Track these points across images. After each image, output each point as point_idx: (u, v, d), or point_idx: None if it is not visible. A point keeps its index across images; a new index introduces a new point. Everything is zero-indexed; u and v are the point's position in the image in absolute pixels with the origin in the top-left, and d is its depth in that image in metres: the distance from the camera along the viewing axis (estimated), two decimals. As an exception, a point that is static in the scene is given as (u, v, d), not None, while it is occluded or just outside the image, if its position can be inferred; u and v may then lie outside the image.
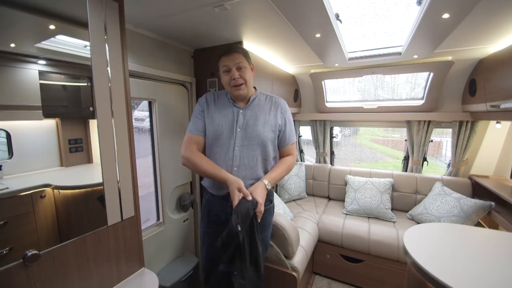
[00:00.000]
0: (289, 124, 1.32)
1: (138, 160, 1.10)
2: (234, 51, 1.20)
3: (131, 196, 1.03)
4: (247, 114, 1.25)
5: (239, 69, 1.19)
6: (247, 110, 1.26)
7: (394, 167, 4.94)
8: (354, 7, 1.42)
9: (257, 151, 1.23)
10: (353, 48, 2.00)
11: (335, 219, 2.32)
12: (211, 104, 1.29)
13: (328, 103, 2.89)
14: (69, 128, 1.01)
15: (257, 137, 1.22)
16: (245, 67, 1.20)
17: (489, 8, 1.18)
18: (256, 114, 1.25)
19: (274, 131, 1.26)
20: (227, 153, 1.22)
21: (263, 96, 1.33)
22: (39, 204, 0.87)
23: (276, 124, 1.27)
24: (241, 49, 1.24)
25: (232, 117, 1.24)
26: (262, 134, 1.22)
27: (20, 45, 0.83)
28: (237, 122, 1.23)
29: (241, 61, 1.19)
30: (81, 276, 0.87)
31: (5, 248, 0.74)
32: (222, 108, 1.27)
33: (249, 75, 1.23)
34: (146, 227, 1.68)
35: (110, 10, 0.91)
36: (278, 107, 1.30)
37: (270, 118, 1.26)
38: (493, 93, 1.77)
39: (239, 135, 1.22)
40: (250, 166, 1.22)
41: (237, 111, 1.25)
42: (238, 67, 1.19)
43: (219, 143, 1.23)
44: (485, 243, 1.22)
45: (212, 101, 1.30)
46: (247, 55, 1.24)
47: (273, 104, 1.30)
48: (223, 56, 1.21)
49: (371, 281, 2.07)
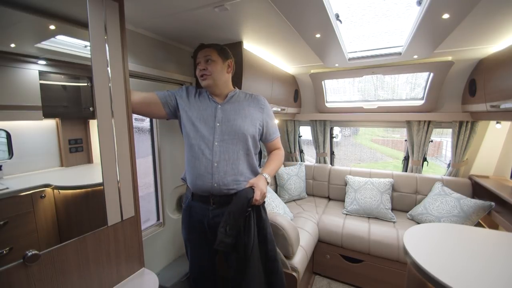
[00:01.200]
0: (270, 119, 1.36)
1: (138, 160, 1.10)
2: (206, 46, 1.26)
3: (131, 196, 1.03)
4: (227, 109, 1.26)
5: (206, 61, 1.24)
6: (226, 105, 1.27)
7: (394, 167, 4.94)
8: (354, 7, 1.42)
9: (238, 146, 1.23)
10: (353, 48, 1.99)
11: (335, 219, 2.32)
12: (191, 97, 1.31)
13: (328, 103, 2.89)
14: (69, 128, 1.01)
15: (237, 132, 1.22)
16: (214, 60, 1.24)
17: (489, 8, 1.18)
18: (236, 109, 1.27)
19: (254, 125, 1.27)
20: (206, 148, 1.21)
21: (242, 94, 1.36)
22: (39, 204, 0.87)
23: (256, 118, 1.29)
24: (216, 45, 1.28)
25: (211, 111, 1.26)
26: (242, 128, 1.23)
27: (20, 45, 0.83)
28: (216, 117, 1.24)
29: (209, 55, 1.24)
30: (81, 276, 0.87)
31: (5, 248, 0.74)
32: (202, 102, 1.29)
33: (217, 68, 1.25)
34: (146, 227, 1.68)
35: (110, 10, 0.91)
36: (257, 103, 1.33)
37: (249, 113, 1.28)
38: (493, 93, 1.77)
39: (218, 130, 1.22)
40: (231, 161, 1.22)
41: (215, 106, 1.26)
42: (206, 60, 1.24)
43: (198, 138, 1.23)
44: (485, 243, 1.22)
45: (193, 94, 1.32)
46: (222, 51, 1.27)
47: (252, 100, 1.33)
48: (197, 51, 1.28)
49: (371, 281, 2.07)
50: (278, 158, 1.39)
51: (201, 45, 1.28)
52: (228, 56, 1.31)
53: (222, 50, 1.28)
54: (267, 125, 1.34)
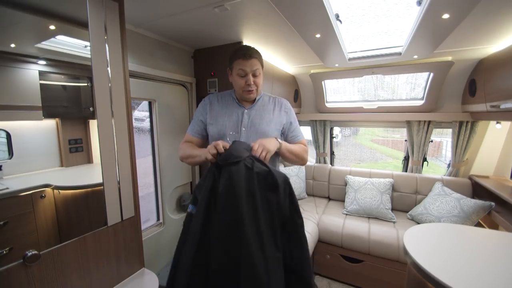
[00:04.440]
0: (294, 121, 1.33)
1: (138, 160, 1.10)
2: (253, 57, 1.16)
3: (131, 196, 1.03)
4: (252, 114, 1.26)
5: (254, 75, 1.19)
6: (252, 110, 1.27)
7: (394, 167, 4.93)
8: (354, 7, 1.42)
9: None
10: (353, 48, 2.00)
11: (335, 219, 2.32)
12: (214, 105, 1.30)
13: (328, 103, 2.89)
14: (69, 128, 1.01)
15: (263, 135, 1.22)
16: (260, 73, 1.21)
17: (489, 8, 1.18)
18: (261, 113, 1.26)
19: (278, 129, 1.27)
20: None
21: (266, 96, 1.34)
22: (39, 204, 0.87)
23: (280, 122, 1.28)
24: (258, 54, 1.21)
25: (237, 117, 1.25)
26: (267, 132, 1.22)
27: (20, 45, 0.83)
28: (242, 122, 1.24)
29: (258, 68, 1.18)
30: (81, 276, 0.87)
31: (5, 248, 0.75)
32: (227, 108, 1.27)
33: (262, 81, 1.24)
34: (146, 227, 1.68)
35: (110, 10, 0.91)
36: (281, 106, 1.32)
37: (274, 117, 1.27)
38: (493, 93, 1.77)
39: (244, 134, 1.22)
40: None
41: (242, 111, 1.26)
42: (254, 74, 1.18)
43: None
44: (485, 243, 1.22)
45: (216, 102, 1.31)
46: (261, 60, 1.22)
47: (276, 104, 1.32)
48: (241, 59, 1.17)
49: (371, 281, 2.07)
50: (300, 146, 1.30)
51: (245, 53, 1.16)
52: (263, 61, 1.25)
53: (261, 58, 1.22)
54: (290, 127, 1.32)
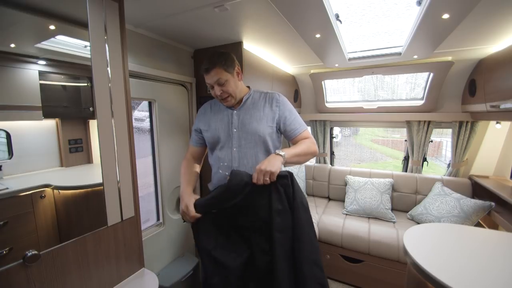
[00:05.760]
0: (290, 114, 1.27)
1: (138, 160, 1.10)
2: (211, 68, 1.15)
3: (131, 196, 1.03)
4: (241, 114, 1.25)
5: (220, 84, 1.17)
6: (241, 110, 1.26)
7: (394, 167, 4.94)
8: (354, 7, 1.42)
9: (256, 149, 1.22)
10: (353, 48, 2.00)
11: (335, 219, 2.32)
12: (207, 112, 1.33)
13: (328, 103, 2.89)
14: (69, 128, 1.01)
15: (254, 134, 1.21)
16: (226, 80, 1.16)
17: (489, 8, 1.18)
18: (251, 112, 1.25)
19: (271, 126, 1.24)
20: (226, 156, 1.23)
21: (257, 94, 1.31)
22: (39, 205, 0.87)
23: (272, 118, 1.24)
24: (219, 60, 1.15)
25: (227, 119, 1.25)
26: (258, 130, 1.21)
27: (20, 45, 0.83)
28: (232, 123, 1.24)
29: (220, 77, 1.15)
30: (81, 276, 0.87)
31: (5, 248, 0.74)
32: (218, 113, 1.29)
33: (233, 85, 1.20)
34: (146, 227, 1.68)
35: (110, 10, 0.91)
36: (272, 101, 1.27)
37: (265, 114, 1.25)
38: (493, 93, 1.77)
39: (236, 136, 1.22)
40: (249, 165, 1.21)
41: (231, 113, 1.26)
42: (219, 83, 1.16)
43: (218, 147, 1.26)
44: (485, 243, 1.22)
45: (209, 109, 1.34)
46: (227, 64, 1.17)
47: (267, 100, 1.28)
48: (204, 73, 1.18)
49: (371, 281, 2.07)
50: (303, 143, 1.22)
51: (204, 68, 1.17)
52: (234, 63, 1.21)
53: (226, 62, 1.16)
54: (286, 121, 1.26)
